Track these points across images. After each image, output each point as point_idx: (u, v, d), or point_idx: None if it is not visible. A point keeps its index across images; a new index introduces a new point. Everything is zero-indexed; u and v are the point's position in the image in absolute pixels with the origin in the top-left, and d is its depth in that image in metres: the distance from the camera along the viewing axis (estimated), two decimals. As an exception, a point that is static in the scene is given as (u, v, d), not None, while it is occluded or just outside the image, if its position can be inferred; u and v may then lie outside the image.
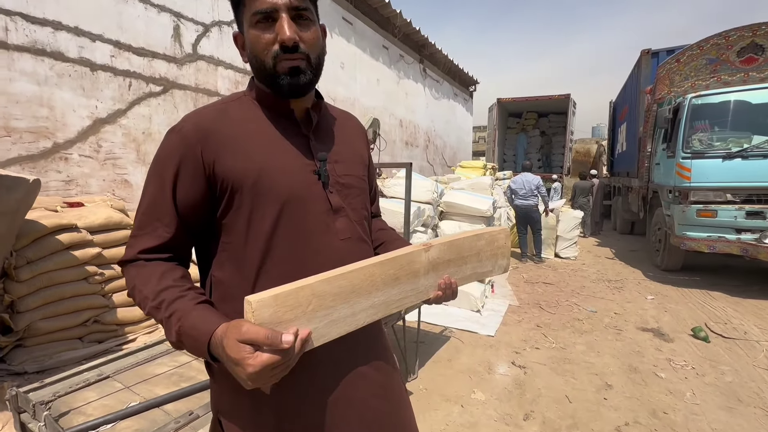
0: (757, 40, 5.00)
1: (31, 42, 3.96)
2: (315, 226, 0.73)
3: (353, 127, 0.91)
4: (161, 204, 0.70)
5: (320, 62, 0.75)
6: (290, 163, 0.73)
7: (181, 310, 0.63)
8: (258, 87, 0.77)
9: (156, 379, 1.30)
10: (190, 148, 0.69)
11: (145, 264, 0.70)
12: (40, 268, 2.34)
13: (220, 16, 5.88)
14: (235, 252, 0.72)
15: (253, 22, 0.69)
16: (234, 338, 0.54)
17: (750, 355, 2.88)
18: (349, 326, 0.67)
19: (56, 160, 4.16)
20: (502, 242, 0.92)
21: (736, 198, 4.37)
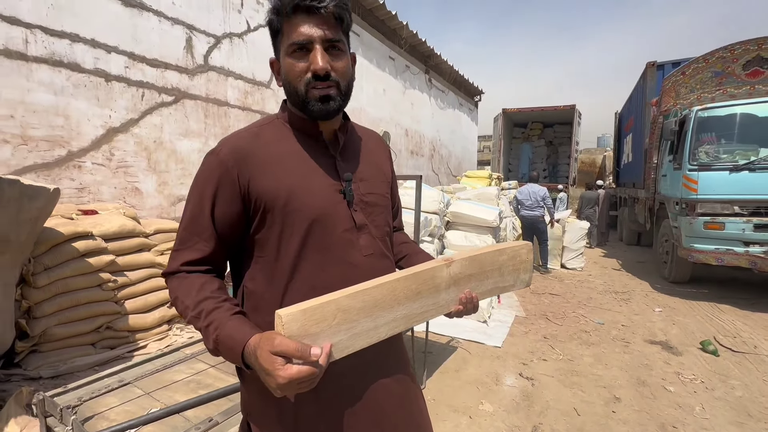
0: (762, 53, 5.03)
1: (50, 53, 4.08)
2: (340, 242, 0.78)
3: (377, 146, 0.95)
4: (201, 221, 0.76)
5: (349, 89, 0.80)
6: (318, 184, 0.78)
7: (218, 320, 0.68)
8: (290, 110, 0.83)
9: (175, 386, 1.34)
10: (227, 171, 0.75)
11: (187, 276, 0.75)
12: (56, 274, 2.40)
13: (231, 28, 6.01)
14: (267, 266, 0.77)
15: (290, 51, 0.75)
16: (267, 350, 0.58)
17: (760, 370, 2.85)
18: (371, 339, 0.70)
19: (70, 168, 4.25)
20: (525, 257, 0.93)
21: (744, 210, 4.36)
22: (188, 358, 1.55)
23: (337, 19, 0.75)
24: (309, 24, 0.73)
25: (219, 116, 5.92)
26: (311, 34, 0.72)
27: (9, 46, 3.77)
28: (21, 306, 2.28)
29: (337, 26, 0.75)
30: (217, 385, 1.33)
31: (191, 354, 1.57)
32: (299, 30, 0.73)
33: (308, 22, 0.73)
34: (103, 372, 1.41)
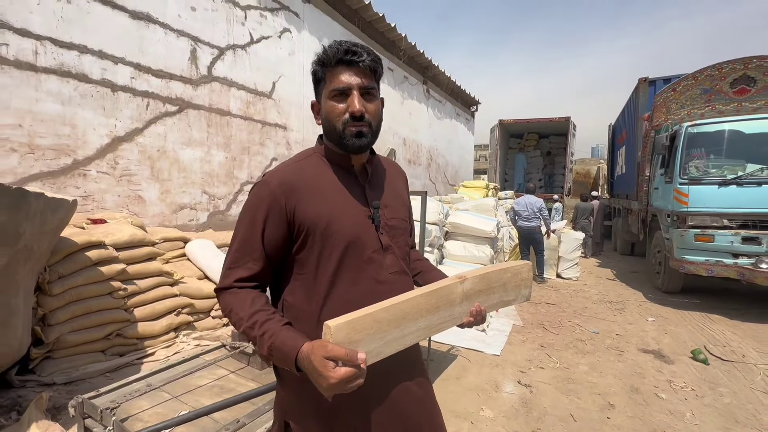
0: (748, 72, 5.24)
1: (58, 64, 4.17)
2: (370, 262, 0.90)
3: (397, 175, 1.09)
4: (252, 244, 0.87)
5: (378, 127, 0.94)
6: (351, 210, 0.91)
7: (271, 330, 0.79)
8: (326, 146, 0.96)
9: (199, 390, 1.41)
10: (276, 200, 0.87)
11: (238, 291, 0.86)
12: (70, 282, 2.46)
13: (235, 40, 6.14)
14: (306, 282, 0.89)
15: (331, 95, 0.88)
16: (321, 355, 0.68)
17: (747, 378, 2.96)
18: (399, 346, 0.81)
19: (75, 176, 4.31)
20: (525, 275, 1.06)
21: (733, 223, 4.52)
22: (209, 364, 1.63)
23: (372, 70, 0.89)
24: (348, 74, 0.86)
25: (221, 126, 6.01)
26: (350, 82, 0.86)
27: (19, 57, 3.86)
28: (36, 313, 2.34)
29: (371, 76, 0.90)
30: (238, 389, 1.41)
31: (212, 360, 1.66)
32: (340, 78, 0.86)
33: (348, 72, 0.86)
34: (132, 377, 1.49)
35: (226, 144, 6.08)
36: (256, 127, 6.60)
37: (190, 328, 3.28)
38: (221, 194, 6.01)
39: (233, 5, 6.06)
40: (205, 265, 3.76)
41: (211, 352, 1.74)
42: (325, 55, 0.88)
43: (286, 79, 7.16)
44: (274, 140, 7.00)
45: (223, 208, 6.04)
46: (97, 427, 1.20)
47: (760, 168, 4.50)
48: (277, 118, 7.03)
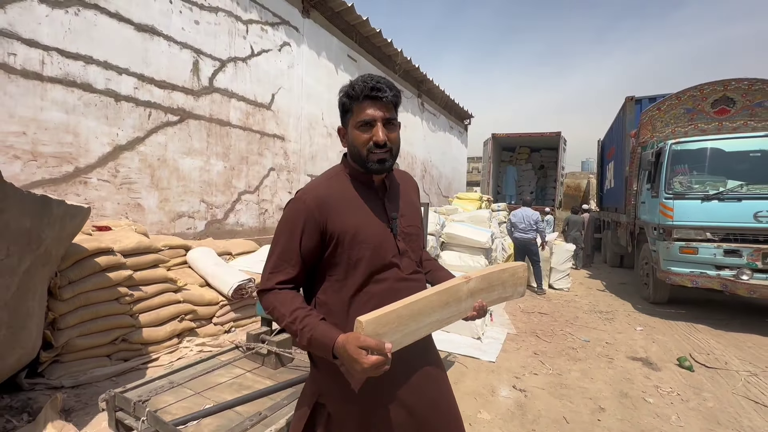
0: (728, 93, 5.53)
1: (64, 74, 4.26)
2: (390, 265, 1.06)
3: (410, 185, 1.24)
4: (290, 252, 1.02)
5: (398, 151, 1.09)
6: (374, 221, 1.06)
7: (311, 324, 0.93)
8: (351, 165, 1.10)
9: (220, 387, 1.49)
10: (311, 213, 1.01)
11: (279, 292, 1.00)
12: (79, 288, 2.51)
13: (236, 52, 6.29)
14: (336, 283, 1.04)
15: (358, 125, 1.02)
16: (354, 345, 0.82)
17: (730, 384, 3.10)
18: (415, 337, 0.95)
19: (76, 183, 4.37)
20: (521, 274, 1.22)
21: (715, 237, 4.72)
22: (225, 363, 1.70)
23: (393, 104, 1.04)
24: (373, 108, 1.00)
25: (221, 136, 6.12)
26: (375, 115, 1.00)
27: (26, 67, 3.94)
28: (47, 317, 2.39)
29: (393, 109, 1.04)
30: (256, 386, 1.49)
31: (228, 360, 1.74)
32: (366, 112, 1.00)
33: (373, 107, 1.00)
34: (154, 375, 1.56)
35: (225, 154, 6.17)
36: (255, 137, 6.72)
37: (192, 335, 3.33)
38: (219, 203, 6.08)
39: (236, 19, 6.22)
40: (207, 273, 3.82)
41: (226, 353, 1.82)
42: (353, 90, 1.01)
43: (285, 91, 7.32)
44: (272, 150, 7.12)
45: (220, 217, 6.10)
46: (129, 419, 1.27)
47: (740, 184, 4.74)
48: (276, 129, 7.16)
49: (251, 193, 6.69)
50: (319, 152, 8.37)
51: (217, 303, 3.58)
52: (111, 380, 2.54)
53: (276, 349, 1.70)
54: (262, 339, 1.78)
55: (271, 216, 7.14)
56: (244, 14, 6.36)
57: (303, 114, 7.78)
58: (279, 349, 1.71)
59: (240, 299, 3.79)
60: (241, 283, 3.72)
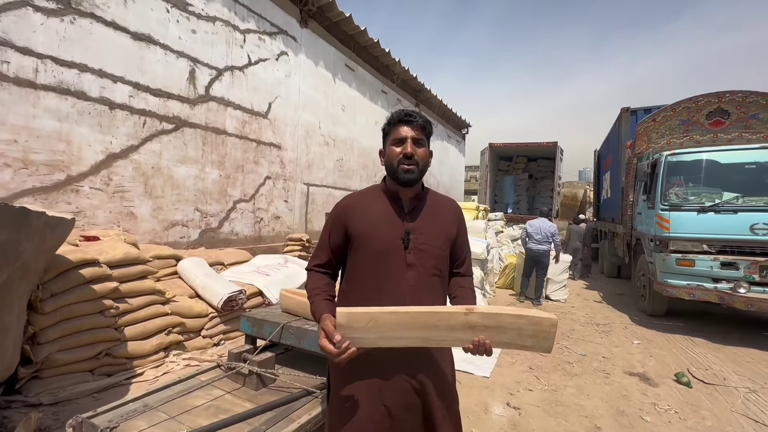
0: (722, 105, 5.55)
1: (58, 82, 4.23)
2: (391, 272, 1.19)
3: (447, 210, 1.33)
4: (324, 242, 1.31)
5: (425, 168, 1.26)
6: (388, 230, 1.22)
7: (316, 301, 1.22)
8: (385, 182, 1.31)
9: (196, 411, 1.43)
10: (339, 215, 1.28)
11: (314, 273, 1.31)
12: (62, 300, 2.45)
13: (233, 61, 6.29)
14: (351, 276, 1.27)
15: (392, 143, 1.24)
16: (321, 326, 1.08)
17: (728, 401, 3.04)
18: (392, 344, 1.02)
19: (67, 192, 4.32)
20: (547, 329, 1.04)
21: (712, 249, 4.68)
22: (204, 384, 1.64)
23: (422, 127, 1.25)
24: (405, 128, 1.23)
25: (217, 144, 6.09)
26: (405, 134, 1.22)
27: (19, 75, 3.92)
28: (26, 331, 2.32)
29: (421, 131, 1.24)
30: (234, 410, 1.43)
31: (207, 380, 1.67)
32: (399, 131, 1.23)
33: (405, 127, 1.23)
34: (128, 397, 1.50)
35: (221, 162, 6.14)
36: (251, 146, 6.69)
37: (179, 348, 3.25)
38: (214, 212, 6.03)
39: (233, 29, 6.24)
40: (197, 284, 3.76)
41: (206, 372, 1.76)
42: (392, 117, 1.26)
43: (282, 100, 7.32)
44: (269, 159, 7.09)
45: (215, 226, 6.05)
46: (97, 447, 1.22)
47: (735, 196, 4.72)
48: (272, 138, 7.14)
49: (247, 202, 6.64)
50: (316, 161, 8.35)
51: (206, 315, 3.51)
52: (93, 396, 2.47)
53: (257, 369, 1.63)
54: (243, 358, 1.72)
55: (266, 225, 7.09)
56: (241, 24, 6.38)
57: (300, 123, 7.77)
58: (261, 370, 1.65)
59: (230, 311, 3.73)
60: (231, 294, 3.65)
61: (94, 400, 2.45)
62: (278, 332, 1.77)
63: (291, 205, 7.73)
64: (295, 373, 1.78)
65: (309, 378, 1.71)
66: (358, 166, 10.02)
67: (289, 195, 7.67)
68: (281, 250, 7.10)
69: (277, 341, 1.82)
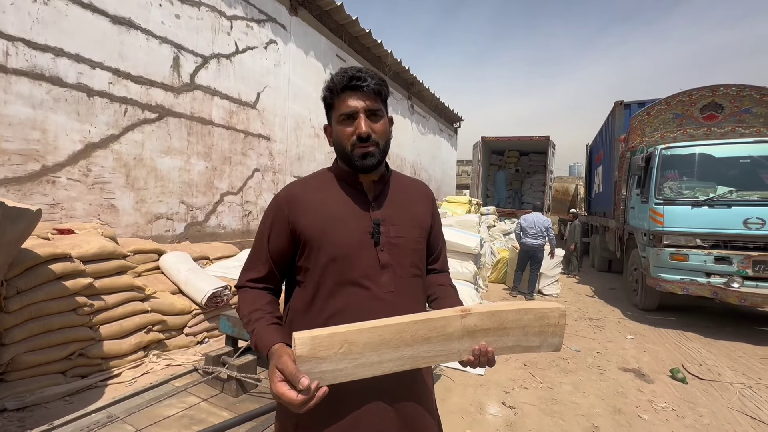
0: (716, 99, 5.51)
1: (31, 66, 4.00)
2: (362, 278, 0.89)
3: (419, 194, 1.06)
4: (261, 249, 0.96)
5: (387, 146, 0.96)
6: (348, 225, 0.92)
7: (258, 328, 0.86)
8: (338, 165, 0.99)
9: (167, 422, 1.30)
10: (280, 210, 0.95)
11: (249, 290, 0.96)
12: (30, 298, 2.28)
13: (220, 49, 6.06)
14: (304, 289, 0.94)
15: (339, 120, 0.92)
16: (274, 363, 0.74)
17: (724, 397, 3.00)
18: (375, 371, 0.76)
19: (43, 183, 4.11)
20: (555, 321, 0.89)
21: (705, 243, 4.66)
22: (178, 391, 1.51)
23: (376, 93, 0.92)
24: (354, 98, 0.90)
25: (203, 135, 5.88)
26: (356, 105, 0.90)
27: (-12, 58, 3.68)
28: (-11, 332, 2.15)
29: (376, 98, 0.92)
30: (210, 420, 1.30)
31: (182, 386, 1.53)
32: (347, 103, 0.91)
33: (353, 97, 0.90)
34: (90, 407, 1.35)
35: (207, 153, 5.94)
36: (239, 137, 6.49)
37: (160, 347, 3.10)
38: (200, 204, 5.84)
39: (219, 15, 6.00)
40: (180, 279, 3.59)
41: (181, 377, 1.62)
42: (332, 82, 0.93)
43: (272, 90, 7.11)
44: (257, 151, 6.89)
45: (201, 219, 5.86)
46: (48, 468, 1.08)
47: (729, 191, 4.69)
48: (261, 129, 6.94)
49: (234, 195, 6.45)
50: (306, 153, 8.17)
51: (189, 312, 3.36)
52: (64, 400, 2.30)
53: (237, 374, 1.50)
54: (222, 361, 1.58)
55: (255, 218, 6.90)
56: (228, 10, 6.14)
57: (289, 114, 7.57)
58: (241, 374, 1.52)
59: (215, 308, 3.57)
60: (216, 290, 3.50)
61: (65, 403, 2.29)
62: (262, 332, 1.63)
63: (280, 198, 7.56)
64: (280, 377, 1.65)
65: (294, 382, 1.57)
66: (350, 159, 9.86)
67: (279, 188, 7.48)
68: (270, 244, 6.94)
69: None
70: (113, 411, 1.35)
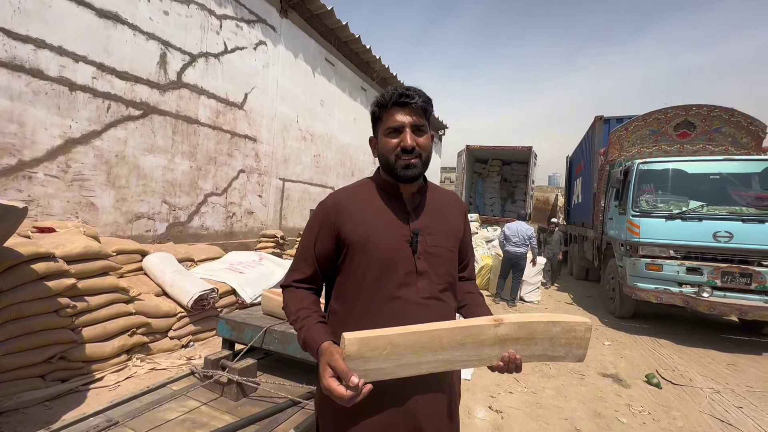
0: (689, 118, 5.82)
1: (10, 57, 3.86)
2: (400, 283, 0.96)
3: (452, 205, 1.13)
4: (307, 251, 1.04)
5: (428, 159, 1.02)
6: (390, 233, 0.99)
7: (307, 325, 0.93)
8: (381, 176, 1.07)
9: (169, 425, 1.27)
10: (327, 216, 1.02)
11: (294, 290, 1.03)
12: (10, 299, 2.18)
13: (208, 48, 5.99)
14: (344, 291, 1.01)
15: (386, 132, 1.00)
16: (326, 359, 0.81)
17: (696, 402, 3.16)
18: (413, 371, 0.84)
19: (19, 178, 3.95)
20: (581, 334, 0.94)
21: (678, 254, 4.89)
22: (177, 395, 1.48)
23: (423, 110, 1.00)
24: (402, 113, 0.98)
25: (188, 134, 5.77)
26: (403, 120, 0.98)
27: (-36, 47, 3.53)
28: (-34, 334, 2.05)
29: (422, 115, 1.00)
30: (213, 424, 1.29)
31: (180, 391, 1.51)
32: (395, 117, 0.98)
33: (401, 112, 0.98)
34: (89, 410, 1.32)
35: (192, 153, 5.83)
36: (225, 137, 6.40)
37: (144, 350, 3.01)
38: (183, 204, 5.72)
39: (209, 14, 5.93)
40: (164, 281, 3.51)
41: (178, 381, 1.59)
42: (383, 98, 1.00)
43: (259, 91, 7.05)
44: (243, 152, 6.81)
45: (183, 220, 5.73)
46: (50, 474, 1.04)
47: (701, 205, 4.95)
48: (248, 130, 6.87)
49: (218, 195, 6.35)
50: (293, 155, 8.12)
51: (174, 315, 3.28)
52: (44, 405, 2.22)
53: (238, 378, 1.48)
54: (222, 365, 1.57)
55: (239, 220, 6.80)
56: (218, 9, 6.08)
57: (277, 115, 7.52)
58: (241, 378, 1.50)
59: (201, 311, 3.50)
60: (202, 293, 3.43)
61: (45, 408, 2.21)
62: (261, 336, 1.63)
63: (265, 200, 7.47)
64: (279, 381, 1.64)
65: (294, 386, 1.57)
66: (336, 162, 9.85)
67: (264, 190, 7.41)
68: (254, 246, 6.84)
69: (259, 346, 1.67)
70: (111, 415, 1.31)
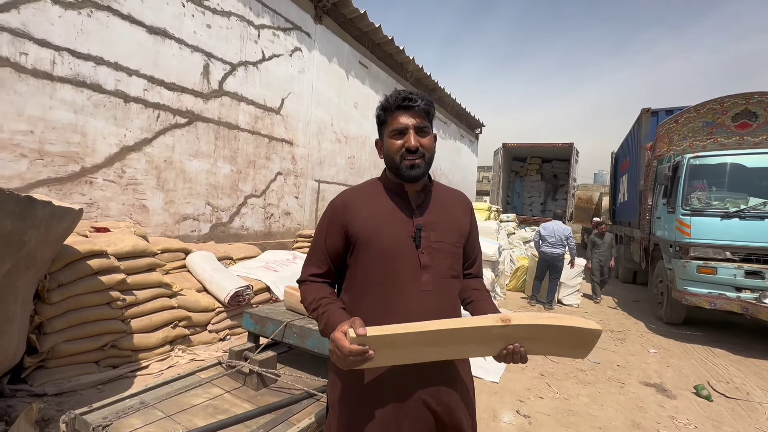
0: (750, 107, 5.31)
1: (74, 74, 4.27)
2: (404, 276, 1.02)
3: (457, 203, 1.19)
4: (319, 247, 1.12)
5: (431, 159, 1.09)
6: (394, 230, 1.05)
7: (330, 309, 1.00)
8: (386, 176, 1.13)
9: (193, 410, 1.39)
10: (336, 214, 1.09)
11: (311, 283, 1.10)
12: (69, 291, 2.45)
13: (247, 56, 6.29)
14: (352, 284, 1.09)
15: (391, 134, 1.06)
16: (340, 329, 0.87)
17: (752, 417, 2.89)
18: (414, 359, 0.90)
19: (81, 183, 4.36)
20: (589, 340, 0.92)
21: (735, 257, 4.49)
22: (204, 382, 1.60)
23: (425, 113, 1.06)
24: (406, 116, 1.04)
25: (229, 139, 6.10)
26: (406, 123, 1.04)
27: (37, 66, 3.96)
28: (33, 321, 2.32)
29: (425, 117, 1.06)
30: (233, 410, 1.38)
31: (207, 378, 1.63)
32: (399, 120, 1.05)
33: (405, 115, 1.04)
34: (125, 393, 1.46)
35: (233, 157, 6.15)
36: (263, 141, 6.69)
37: (185, 342, 3.24)
38: (225, 206, 6.05)
39: (248, 24, 6.23)
40: (204, 278, 3.75)
41: (206, 370, 1.72)
42: (387, 102, 1.07)
43: (295, 96, 7.30)
44: (280, 155, 7.08)
45: (225, 220, 6.06)
46: (88, 446, 1.18)
47: (763, 202, 4.51)
48: (284, 134, 7.13)
49: (257, 197, 6.64)
50: (327, 158, 8.32)
51: (213, 309, 3.50)
52: (97, 388, 2.46)
53: (258, 369, 1.58)
54: (245, 356, 1.68)
55: (277, 221, 7.08)
56: (256, 19, 6.38)
57: (312, 119, 7.75)
58: (262, 369, 1.60)
59: (237, 306, 3.70)
60: (238, 289, 3.63)
61: (98, 391, 2.45)
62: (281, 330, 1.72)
63: (301, 201, 7.71)
64: (297, 374, 1.73)
65: (311, 379, 1.65)
66: (370, 164, 9.97)
67: (300, 191, 7.66)
68: (291, 246, 7.09)
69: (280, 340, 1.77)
70: (145, 398, 1.45)
